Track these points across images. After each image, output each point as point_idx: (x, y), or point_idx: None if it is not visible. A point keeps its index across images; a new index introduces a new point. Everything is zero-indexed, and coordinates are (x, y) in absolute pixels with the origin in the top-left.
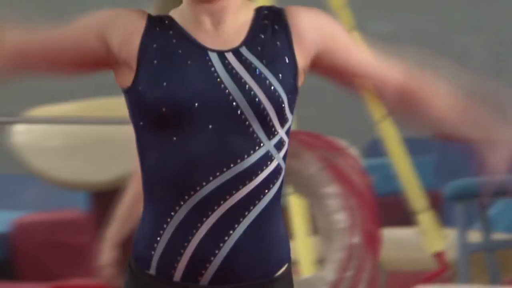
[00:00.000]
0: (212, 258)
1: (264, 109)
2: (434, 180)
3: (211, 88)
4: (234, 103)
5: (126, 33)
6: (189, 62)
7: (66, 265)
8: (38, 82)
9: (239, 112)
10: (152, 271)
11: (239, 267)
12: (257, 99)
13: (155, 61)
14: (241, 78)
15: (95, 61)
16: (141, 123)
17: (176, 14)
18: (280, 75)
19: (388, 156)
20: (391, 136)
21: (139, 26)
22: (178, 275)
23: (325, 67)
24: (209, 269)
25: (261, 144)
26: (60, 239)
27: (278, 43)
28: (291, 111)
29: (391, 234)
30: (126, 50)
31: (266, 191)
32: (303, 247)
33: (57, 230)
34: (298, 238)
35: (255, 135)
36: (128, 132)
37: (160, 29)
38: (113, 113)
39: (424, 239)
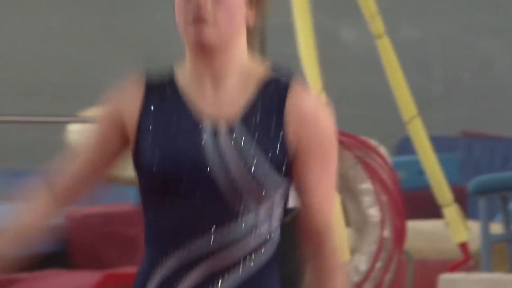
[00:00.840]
0: None
1: (245, 188)
2: (459, 176)
3: (198, 162)
4: (218, 179)
5: (129, 110)
6: (182, 133)
7: (118, 254)
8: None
9: (222, 187)
10: None
11: None
12: (239, 179)
13: (151, 129)
14: (227, 157)
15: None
16: (140, 184)
17: (179, 70)
18: (269, 156)
19: (416, 153)
20: (419, 135)
21: (137, 100)
22: None
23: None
24: None
25: (240, 218)
26: (112, 230)
27: (272, 124)
28: (279, 188)
29: (419, 226)
30: (129, 124)
31: (248, 259)
32: (341, 237)
33: (110, 222)
34: (337, 229)
35: (235, 209)
36: None
37: (158, 95)
38: None
39: (450, 230)
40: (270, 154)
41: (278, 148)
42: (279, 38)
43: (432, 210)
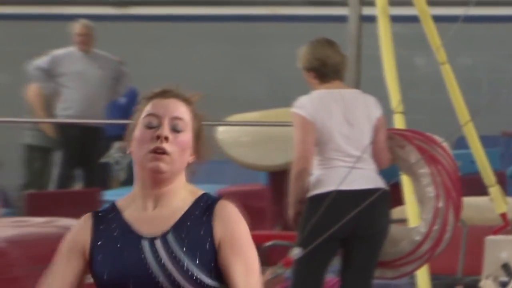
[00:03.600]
0: None
1: (180, 284)
2: (500, 165)
3: (142, 272)
4: (159, 282)
5: (84, 239)
6: (125, 252)
7: (252, 222)
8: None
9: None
10: None
11: None
12: (176, 281)
13: (100, 256)
14: (164, 263)
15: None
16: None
17: (129, 198)
18: (197, 259)
19: (470, 148)
20: (471, 134)
21: (87, 235)
22: None
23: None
24: None
25: None
26: (248, 203)
27: (201, 231)
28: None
29: (471, 201)
30: (85, 249)
31: None
32: (411, 209)
33: (246, 198)
34: (408, 203)
35: None
36: (290, 132)
37: (104, 226)
38: (283, 119)
39: (493, 204)
40: (198, 257)
41: (207, 248)
42: (370, 65)
43: (481, 189)
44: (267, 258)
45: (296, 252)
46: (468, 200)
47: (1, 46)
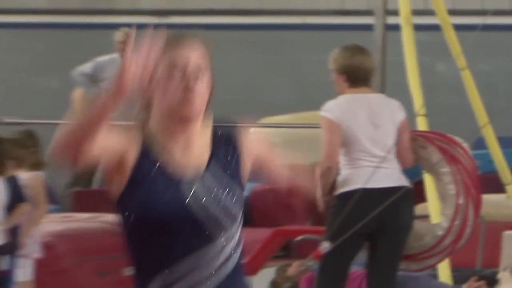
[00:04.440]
0: None
1: (220, 222)
2: None
3: (181, 209)
4: (198, 216)
5: (130, 155)
6: (166, 185)
7: (285, 217)
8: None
9: (201, 221)
10: None
11: None
12: (214, 217)
13: (145, 185)
14: (203, 202)
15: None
16: (130, 224)
17: (157, 131)
18: (233, 193)
19: (488, 148)
20: (490, 135)
21: (134, 153)
22: None
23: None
24: None
25: (217, 244)
26: (279, 200)
27: (232, 162)
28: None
29: (490, 198)
30: (124, 167)
31: (217, 271)
32: (433, 206)
33: (278, 195)
34: (430, 200)
35: (211, 236)
36: (317, 134)
37: (147, 158)
38: (311, 122)
39: (510, 201)
40: (234, 191)
41: (240, 180)
42: (395, 70)
43: (499, 187)
44: (298, 251)
45: (325, 246)
46: (486, 197)
47: (51, 53)
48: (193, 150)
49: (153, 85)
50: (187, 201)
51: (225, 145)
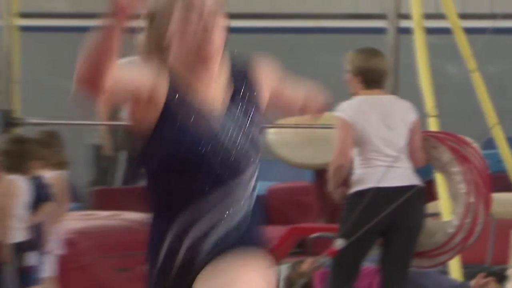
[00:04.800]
0: (201, 256)
1: (248, 154)
2: None
3: (212, 144)
4: (228, 152)
5: (159, 90)
6: (197, 124)
7: (299, 215)
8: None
9: (232, 158)
10: (159, 265)
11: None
12: (244, 146)
13: (171, 121)
14: (232, 134)
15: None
16: (158, 161)
17: (180, 66)
18: (256, 124)
19: (498, 148)
20: (499, 136)
21: (164, 87)
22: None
23: (269, 104)
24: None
25: (243, 180)
26: (295, 198)
27: (252, 95)
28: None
29: (499, 197)
30: (154, 105)
31: (242, 205)
32: (444, 204)
33: (294, 193)
34: (442, 198)
35: (238, 169)
36: (333, 134)
37: (177, 95)
38: (327, 122)
39: None
40: (256, 119)
41: (260, 111)
42: (407, 73)
43: (508, 186)
44: (313, 248)
45: (339, 243)
46: (496, 196)
47: (74, 56)
48: (215, 87)
49: (171, 27)
50: (217, 135)
51: (243, 80)
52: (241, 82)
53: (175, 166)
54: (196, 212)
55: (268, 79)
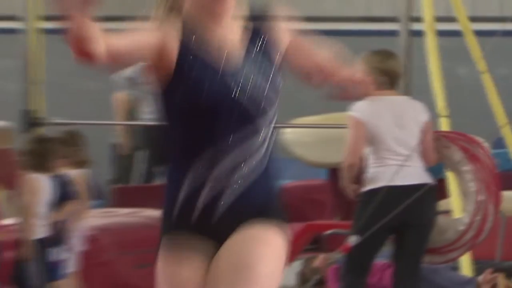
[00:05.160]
0: (221, 205)
1: (264, 104)
2: None
3: (226, 88)
4: (242, 98)
5: (170, 45)
6: (216, 75)
7: (315, 212)
8: (299, 101)
9: (247, 111)
10: (177, 212)
11: (246, 202)
12: (259, 94)
13: (193, 73)
14: (245, 79)
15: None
16: (174, 113)
17: (196, 16)
18: (271, 79)
19: (507, 147)
20: (508, 135)
21: (176, 41)
22: (195, 216)
23: (288, 62)
24: (219, 211)
25: (260, 127)
26: (310, 196)
27: (267, 51)
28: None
29: (509, 194)
30: (167, 59)
31: (258, 152)
32: (455, 202)
33: (309, 191)
34: (453, 196)
35: (257, 124)
36: (347, 134)
37: (191, 46)
38: (341, 122)
39: None
40: (270, 74)
41: (275, 67)
42: (419, 74)
43: None
44: (328, 244)
45: (353, 240)
46: (506, 194)
47: None
48: (230, 42)
49: None
50: (232, 87)
51: (258, 36)
52: (256, 39)
53: (195, 110)
54: (217, 154)
55: (285, 36)
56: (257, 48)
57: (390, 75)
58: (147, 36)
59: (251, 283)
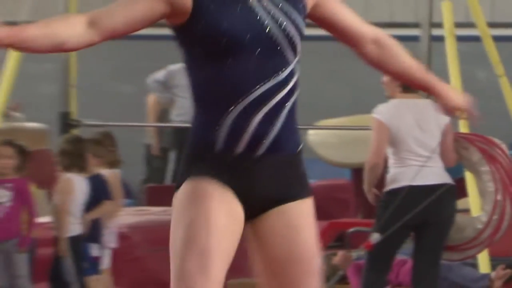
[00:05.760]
0: (266, 137)
1: (292, 36)
2: None
3: (256, 27)
4: (272, 36)
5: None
6: (238, 8)
7: (338, 210)
8: (324, 103)
9: (275, 40)
10: (218, 148)
11: (283, 142)
12: (287, 30)
13: (211, 7)
14: (274, 14)
15: (159, 19)
16: (199, 51)
17: None
18: (298, 12)
19: None
20: None
21: None
22: (239, 149)
23: (319, 17)
24: (265, 144)
25: (289, 63)
26: (334, 195)
27: None
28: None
29: None
30: (182, 2)
31: (293, 94)
32: (473, 201)
33: (333, 190)
34: (471, 196)
35: (286, 57)
36: (370, 135)
37: None
38: (364, 124)
39: None
40: (299, 13)
41: (301, 5)
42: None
43: None
44: (351, 241)
45: (375, 237)
46: None
47: (129, 62)
48: None
49: None
50: (260, 18)
51: None
52: None
53: (218, 57)
54: (240, 109)
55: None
56: None
57: None
58: (150, 8)
59: (314, 275)
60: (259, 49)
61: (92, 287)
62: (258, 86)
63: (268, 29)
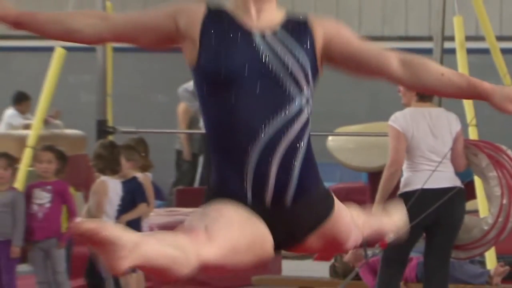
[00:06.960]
0: (289, 184)
1: (295, 72)
2: None
3: (256, 61)
4: (273, 71)
5: (190, 20)
6: (239, 42)
7: None
8: (342, 111)
9: (275, 75)
10: (248, 199)
11: (306, 184)
12: (289, 66)
13: (213, 42)
14: (277, 52)
15: (168, 39)
16: (205, 89)
17: (229, 3)
18: (304, 47)
19: None
20: None
21: (199, 15)
22: (268, 198)
23: (335, 54)
24: (290, 190)
25: (294, 99)
26: (352, 198)
27: (303, 32)
28: (313, 80)
29: None
30: (190, 32)
31: (305, 132)
32: (481, 204)
33: (351, 193)
34: (480, 199)
35: (290, 93)
36: (386, 141)
37: (217, 18)
38: (380, 130)
39: None
40: (305, 51)
41: (309, 44)
42: None
43: None
44: (367, 241)
45: (390, 236)
46: None
47: (163, 72)
48: (264, 14)
49: None
50: (260, 53)
51: (296, 23)
52: (293, 23)
53: (223, 91)
54: (262, 146)
55: (325, 27)
56: (292, 31)
57: None
58: (159, 18)
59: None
60: (259, 84)
61: (125, 283)
62: (265, 124)
63: (268, 65)
